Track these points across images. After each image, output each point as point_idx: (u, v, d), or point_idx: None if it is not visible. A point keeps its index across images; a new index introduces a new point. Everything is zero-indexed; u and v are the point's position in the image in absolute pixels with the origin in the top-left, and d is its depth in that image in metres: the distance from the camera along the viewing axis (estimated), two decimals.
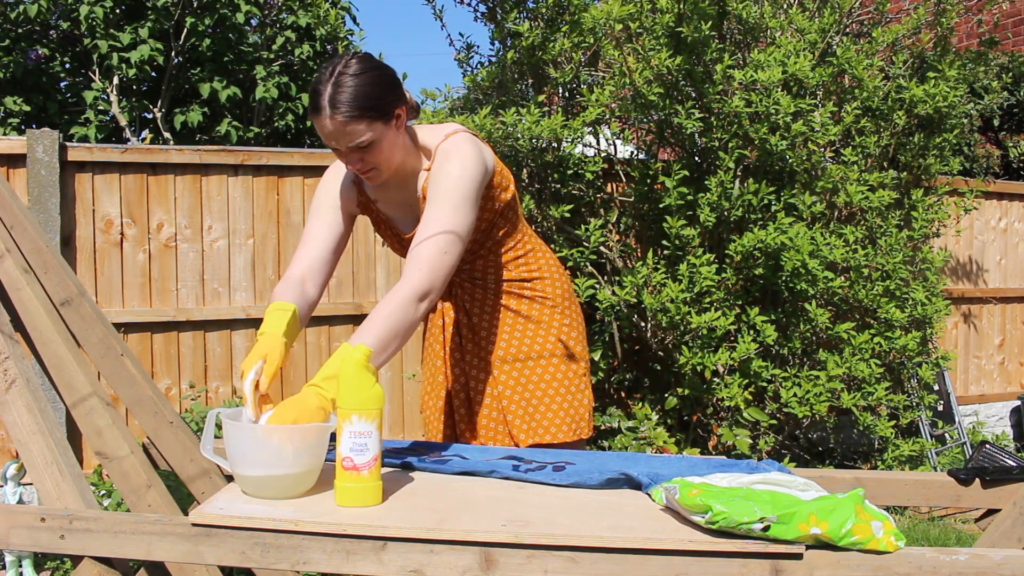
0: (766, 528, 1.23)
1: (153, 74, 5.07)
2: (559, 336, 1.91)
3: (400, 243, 1.88)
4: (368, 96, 1.59)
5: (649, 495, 1.47)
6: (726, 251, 3.45)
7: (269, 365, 1.53)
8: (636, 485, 1.49)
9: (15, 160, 3.45)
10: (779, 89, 3.37)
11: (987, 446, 1.74)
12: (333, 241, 1.82)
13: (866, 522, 1.26)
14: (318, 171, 3.90)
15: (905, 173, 3.93)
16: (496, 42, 4.17)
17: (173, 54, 4.84)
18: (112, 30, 4.64)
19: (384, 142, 1.65)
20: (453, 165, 1.68)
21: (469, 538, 1.26)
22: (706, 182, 3.44)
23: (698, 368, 3.41)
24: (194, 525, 1.31)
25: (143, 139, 4.94)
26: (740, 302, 3.53)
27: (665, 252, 3.55)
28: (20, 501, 1.99)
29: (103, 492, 3.08)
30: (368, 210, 1.88)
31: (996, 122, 6.04)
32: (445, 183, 1.66)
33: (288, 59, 5.23)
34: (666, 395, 3.66)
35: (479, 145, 1.75)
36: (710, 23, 3.42)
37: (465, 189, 1.67)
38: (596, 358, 3.67)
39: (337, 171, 1.85)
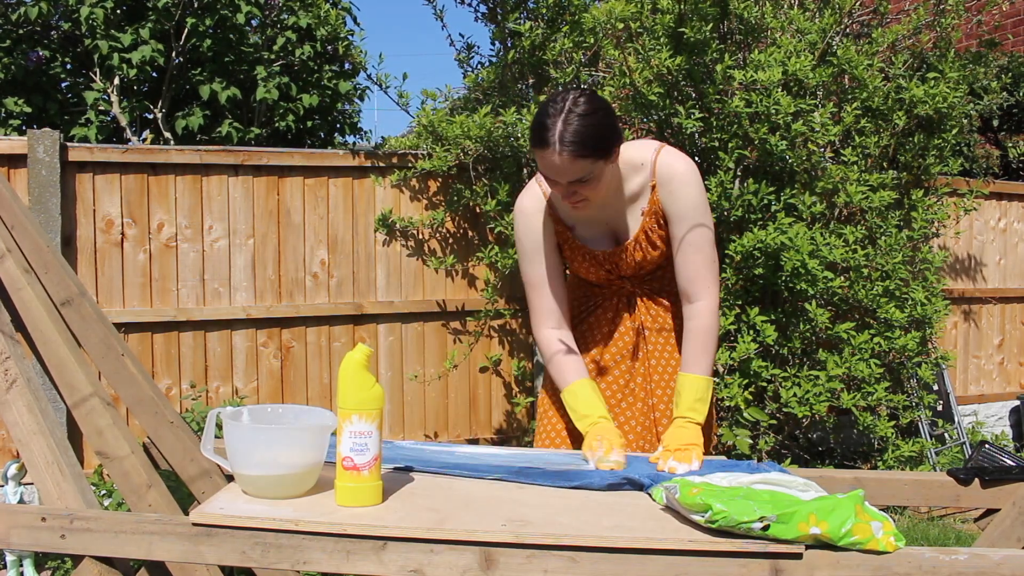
0: (766, 527, 1.24)
1: (154, 75, 5.07)
2: None
3: (593, 260, 1.89)
4: (595, 136, 1.64)
5: (650, 495, 1.47)
6: (726, 251, 3.45)
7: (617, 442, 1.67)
8: (639, 486, 1.50)
9: (16, 160, 3.46)
10: (779, 89, 3.37)
11: (986, 446, 1.74)
12: (560, 279, 1.89)
13: (866, 522, 1.27)
14: (318, 171, 3.90)
15: (905, 173, 3.93)
16: (496, 42, 4.18)
17: (174, 55, 4.84)
18: (113, 31, 4.65)
19: (601, 179, 1.71)
20: (687, 183, 1.79)
21: (469, 538, 1.26)
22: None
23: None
24: (195, 525, 1.31)
25: (144, 139, 4.95)
26: (740, 302, 3.53)
27: None
28: (21, 501, 1.99)
29: (104, 492, 3.08)
30: (563, 237, 1.90)
31: (995, 122, 6.04)
32: (690, 204, 1.79)
33: (289, 60, 5.23)
34: None
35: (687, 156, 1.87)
36: (711, 23, 3.42)
37: (705, 202, 1.81)
38: None
39: (530, 210, 1.86)
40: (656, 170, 1.80)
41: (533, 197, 1.87)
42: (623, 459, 1.63)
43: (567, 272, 1.98)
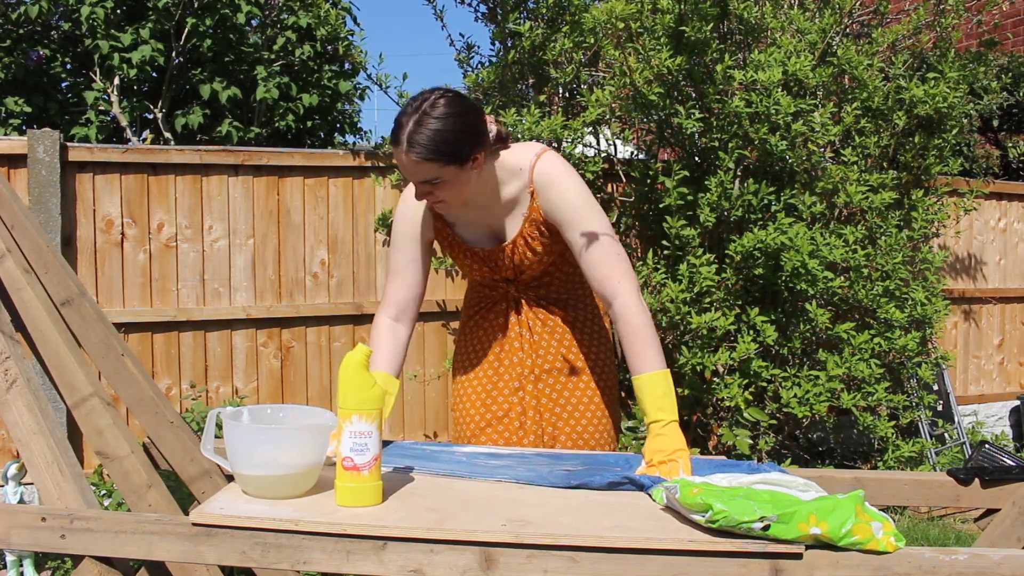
0: (766, 527, 1.24)
1: (154, 74, 5.07)
2: (600, 352, 1.99)
3: (474, 258, 1.89)
4: (445, 142, 1.62)
5: (650, 495, 1.47)
6: (726, 251, 3.45)
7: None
8: (639, 486, 1.50)
9: (16, 160, 3.46)
10: (779, 89, 3.37)
11: (986, 446, 1.74)
12: (419, 271, 1.89)
13: (866, 522, 1.27)
14: (318, 171, 3.90)
15: (905, 173, 3.93)
16: (496, 42, 4.18)
17: (174, 54, 4.84)
18: (113, 31, 4.65)
19: (456, 182, 1.68)
20: (569, 186, 1.77)
21: (469, 538, 1.26)
22: (706, 182, 3.45)
23: (698, 368, 3.41)
24: (194, 525, 1.31)
25: (144, 139, 4.95)
26: (740, 302, 3.53)
27: (665, 252, 3.55)
28: (21, 501, 1.99)
29: (104, 492, 3.08)
30: (442, 234, 1.90)
31: (995, 122, 6.04)
32: (576, 203, 1.76)
33: (289, 59, 5.23)
34: None
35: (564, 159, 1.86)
36: (711, 23, 3.42)
37: (590, 199, 1.77)
38: None
39: (411, 199, 1.86)
40: (533, 176, 1.77)
41: (410, 192, 1.87)
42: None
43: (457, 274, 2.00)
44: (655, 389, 1.64)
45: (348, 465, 1.37)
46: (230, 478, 1.51)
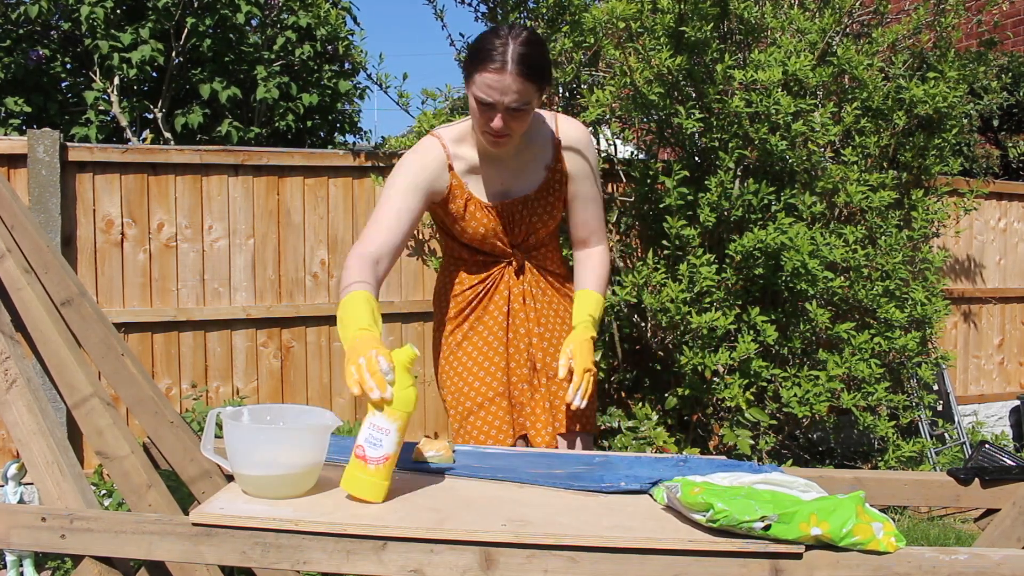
0: (767, 527, 1.24)
1: (154, 74, 5.07)
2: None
3: (487, 214, 1.89)
4: (544, 66, 1.71)
5: (651, 495, 1.47)
6: (726, 251, 3.45)
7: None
8: (638, 488, 1.50)
9: (16, 160, 3.46)
10: (779, 89, 3.37)
11: (986, 446, 1.74)
12: (410, 224, 1.81)
13: (867, 523, 1.27)
14: (318, 171, 3.90)
15: (905, 173, 3.93)
16: None
17: (174, 54, 4.84)
18: (113, 30, 4.64)
19: (530, 113, 1.75)
20: (589, 143, 1.94)
21: (469, 538, 1.26)
22: (706, 182, 3.44)
23: (698, 368, 3.41)
24: (194, 525, 1.31)
25: (144, 139, 4.94)
26: (740, 302, 3.53)
27: (665, 252, 3.55)
28: (21, 501, 1.99)
29: (104, 492, 3.08)
30: (456, 189, 1.88)
31: (995, 122, 6.04)
32: (592, 162, 1.93)
33: (289, 59, 5.22)
34: (666, 395, 3.66)
35: None
36: (711, 23, 3.42)
37: (598, 163, 1.97)
38: (597, 358, 3.67)
39: (426, 153, 1.85)
40: (559, 128, 1.89)
41: (426, 146, 1.86)
42: (446, 450, 1.63)
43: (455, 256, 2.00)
44: (597, 306, 1.94)
45: (359, 453, 1.39)
46: (230, 478, 1.51)
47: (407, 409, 1.40)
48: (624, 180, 3.97)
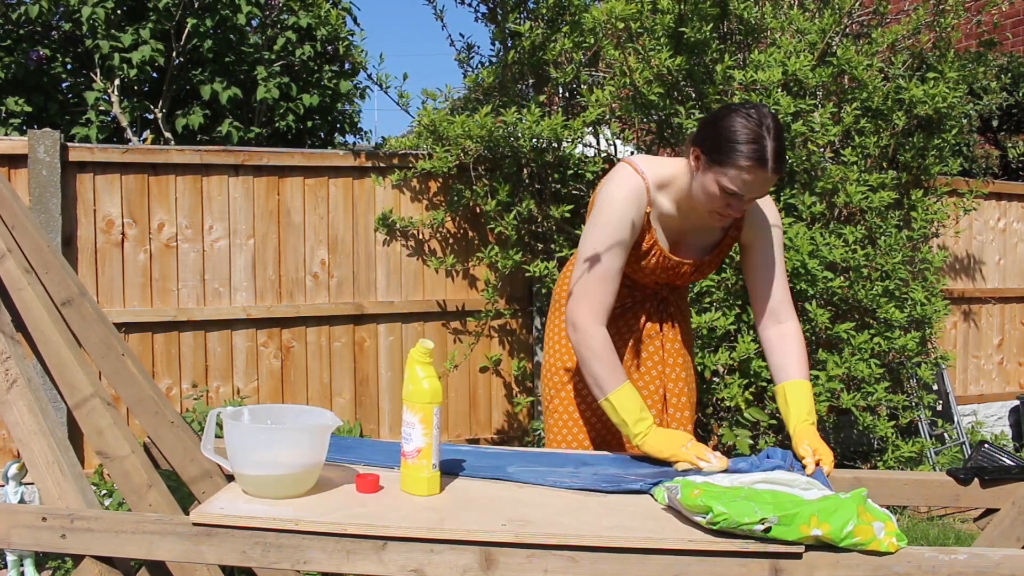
0: (767, 529, 1.24)
1: (154, 75, 5.07)
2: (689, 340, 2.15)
3: (663, 264, 1.89)
4: (787, 157, 1.73)
5: (652, 495, 1.47)
6: None
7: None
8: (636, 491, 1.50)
9: (16, 160, 3.46)
10: (779, 89, 3.37)
11: (986, 446, 1.74)
12: (619, 282, 1.83)
13: (868, 523, 1.27)
14: (318, 171, 3.90)
15: (905, 173, 3.94)
16: (497, 42, 4.18)
17: (174, 55, 4.84)
18: (113, 31, 4.64)
19: None
20: (774, 207, 1.90)
21: (469, 537, 1.26)
22: None
23: (698, 368, 3.41)
24: (195, 524, 1.31)
25: (144, 140, 4.95)
26: (740, 302, 3.53)
27: None
28: (21, 500, 1.99)
29: (104, 492, 3.08)
30: (645, 238, 1.86)
31: (995, 122, 6.04)
32: (778, 227, 1.89)
33: (289, 60, 5.23)
34: None
35: None
36: (711, 24, 3.42)
37: (780, 223, 1.90)
38: None
39: (630, 203, 1.78)
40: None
41: (636, 191, 1.79)
42: (720, 459, 1.64)
43: None
44: (807, 393, 1.80)
45: (401, 451, 1.48)
46: (230, 478, 1.51)
47: (424, 401, 1.45)
48: None
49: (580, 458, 1.74)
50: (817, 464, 1.63)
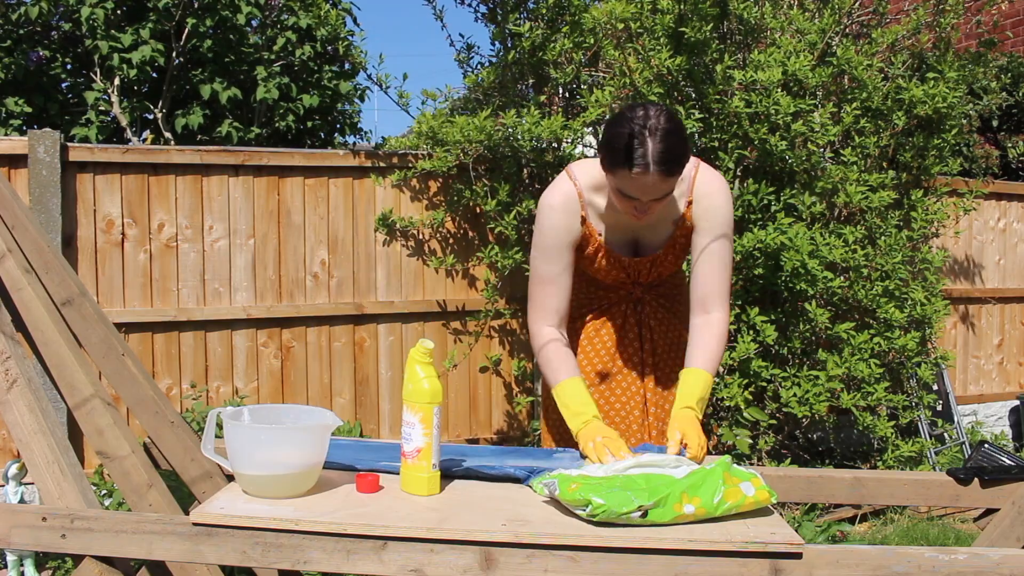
0: (644, 515, 1.28)
1: (154, 75, 5.07)
2: None
3: (616, 264, 1.91)
4: (683, 155, 1.66)
5: (531, 487, 1.49)
6: None
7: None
8: (515, 479, 1.53)
9: (16, 160, 3.46)
10: (779, 89, 3.37)
11: (986, 446, 1.74)
12: (570, 279, 1.86)
13: (735, 486, 1.32)
14: (318, 171, 3.90)
15: (904, 173, 3.94)
16: (496, 43, 4.18)
17: (174, 55, 4.84)
18: (113, 31, 4.64)
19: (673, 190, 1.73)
20: (722, 200, 1.83)
21: (469, 537, 1.27)
22: None
23: None
24: (195, 524, 1.31)
25: (144, 140, 4.95)
26: (740, 302, 3.53)
27: None
28: (22, 500, 1.99)
29: (104, 492, 3.09)
30: (590, 240, 1.88)
31: (995, 123, 6.04)
32: (722, 218, 1.83)
33: (289, 60, 5.23)
34: None
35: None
36: (711, 24, 3.42)
37: (732, 220, 1.85)
38: None
39: (560, 208, 1.83)
40: (694, 186, 1.82)
41: (566, 195, 1.83)
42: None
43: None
44: (706, 388, 1.79)
45: (401, 451, 1.47)
46: (231, 478, 1.52)
47: (423, 401, 1.45)
48: None
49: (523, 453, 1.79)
50: (683, 448, 1.65)
